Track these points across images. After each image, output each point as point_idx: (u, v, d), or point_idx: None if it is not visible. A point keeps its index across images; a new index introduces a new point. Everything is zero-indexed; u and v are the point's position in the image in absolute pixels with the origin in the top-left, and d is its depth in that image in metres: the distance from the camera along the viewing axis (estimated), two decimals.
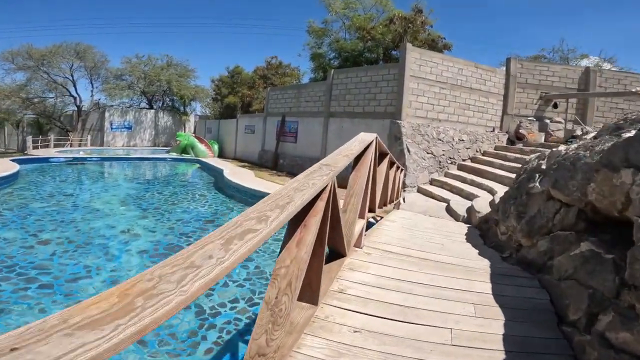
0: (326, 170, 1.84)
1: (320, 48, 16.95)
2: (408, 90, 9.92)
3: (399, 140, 9.93)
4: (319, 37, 16.41)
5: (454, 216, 7.62)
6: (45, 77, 23.36)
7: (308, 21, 16.38)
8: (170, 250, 5.68)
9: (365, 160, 2.83)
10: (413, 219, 6.09)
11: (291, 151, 14.16)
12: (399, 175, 7.02)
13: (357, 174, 2.74)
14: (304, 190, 1.56)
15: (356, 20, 15.13)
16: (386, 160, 4.47)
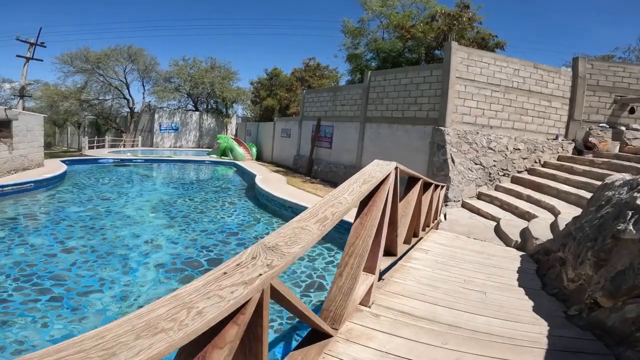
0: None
1: (357, 49, 16.17)
2: (454, 94, 8.91)
3: (442, 149, 8.96)
4: (355, 37, 15.63)
5: (504, 239, 6.58)
6: (102, 79, 24.92)
7: (342, 20, 15.70)
8: (188, 265, 5.51)
9: (376, 201, 2.17)
10: (452, 245, 5.25)
11: (326, 157, 13.61)
12: (438, 194, 6.16)
13: (361, 224, 2.10)
14: None
15: (394, 19, 14.15)
16: (418, 186, 3.72)
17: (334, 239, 7.26)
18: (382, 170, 2.28)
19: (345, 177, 12.05)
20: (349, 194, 1.88)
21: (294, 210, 8.44)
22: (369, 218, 2.12)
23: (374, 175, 2.19)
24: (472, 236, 6.57)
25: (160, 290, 4.73)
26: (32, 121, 11.58)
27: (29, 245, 6.02)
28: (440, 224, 7.08)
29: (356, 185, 2.02)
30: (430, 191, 4.81)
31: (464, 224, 7.47)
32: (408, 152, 9.91)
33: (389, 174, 2.30)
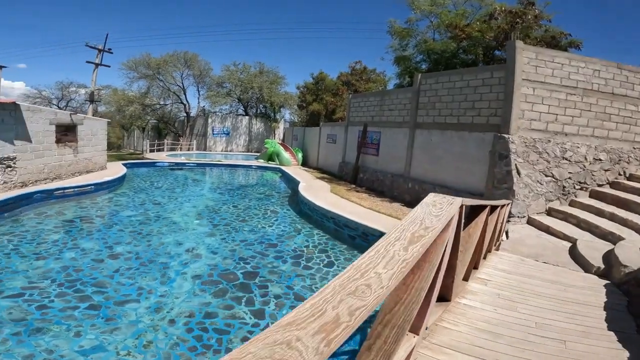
0: None
1: (405, 50, 15.27)
2: (520, 97, 7.90)
3: (505, 159, 7.99)
4: (402, 38, 14.74)
5: (582, 264, 5.55)
6: (161, 84, 26.56)
7: (389, 21, 14.84)
8: (224, 277, 5.42)
9: (429, 257, 1.61)
10: (517, 272, 4.46)
11: (372, 165, 13.01)
12: (503, 214, 5.35)
13: (404, 285, 1.53)
14: None
15: (445, 18, 13.05)
16: (483, 216, 3.08)
17: None
18: (441, 215, 1.65)
19: (392, 186, 11.40)
20: (384, 265, 1.19)
21: (335, 221, 8.03)
22: (417, 278, 1.55)
23: (428, 225, 1.53)
24: (541, 259, 5.64)
25: (193, 304, 4.64)
26: (96, 126, 12.48)
27: (79, 250, 6.28)
28: (503, 244, 6.21)
29: (399, 248, 1.33)
30: (495, 214, 4.10)
31: (530, 244, 6.49)
32: (463, 161, 9.02)
33: (451, 218, 1.71)
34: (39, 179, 9.78)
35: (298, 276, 5.71)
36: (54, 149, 10.28)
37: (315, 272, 5.91)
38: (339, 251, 6.93)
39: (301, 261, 6.35)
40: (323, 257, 6.58)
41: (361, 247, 7.08)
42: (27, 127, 9.20)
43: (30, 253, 5.98)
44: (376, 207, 9.21)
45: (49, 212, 8.33)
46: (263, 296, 4.95)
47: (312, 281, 5.57)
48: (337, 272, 5.81)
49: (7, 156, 8.64)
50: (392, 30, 14.59)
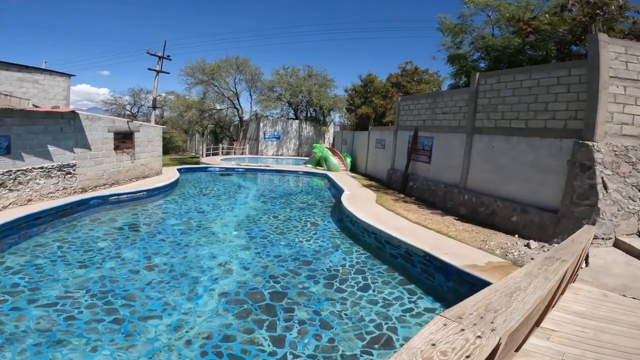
0: None
1: (460, 48, 13.71)
2: (607, 98, 6.48)
3: (588, 170, 6.63)
4: (455, 35, 13.19)
5: None
6: (216, 89, 27.68)
7: (438, 16, 13.34)
8: (250, 297, 5.21)
9: None
10: (596, 317, 3.42)
11: (423, 173, 11.93)
12: (587, 241, 4.24)
13: None
14: None
15: (505, 11, 11.35)
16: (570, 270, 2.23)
17: (420, 280, 5.91)
18: None
19: (445, 197, 10.24)
20: None
21: (377, 237, 7.31)
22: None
23: None
24: (630, 293, 4.39)
25: (213, 324, 4.40)
26: (152, 132, 13.15)
27: (120, 259, 6.41)
28: (581, 273, 4.99)
29: None
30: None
31: (616, 272, 5.18)
32: (534, 171, 7.72)
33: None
34: (98, 185, 10.45)
35: (328, 300, 5.22)
36: (112, 155, 10.95)
37: (348, 295, 5.37)
38: (377, 272, 6.23)
39: (334, 282, 5.81)
40: (359, 279, 5.95)
41: (403, 270, 6.29)
42: (86, 135, 9.86)
43: (75, 261, 6.21)
44: (424, 221, 8.27)
45: (103, 219, 8.78)
46: (287, 321, 4.60)
47: (343, 307, 5.04)
48: (371, 298, 5.16)
49: (67, 163, 9.31)
50: (443, 26, 13.19)
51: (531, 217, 7.47)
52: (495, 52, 12.11)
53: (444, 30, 13.30)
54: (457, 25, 12.93)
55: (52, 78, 14.02)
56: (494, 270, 5.10)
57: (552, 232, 6.99)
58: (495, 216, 8.33)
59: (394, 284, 5.82)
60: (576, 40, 10.50)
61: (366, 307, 5.09)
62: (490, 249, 6.32)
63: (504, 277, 1.77)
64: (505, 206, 8.15)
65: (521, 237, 7.35)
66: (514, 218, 7.84)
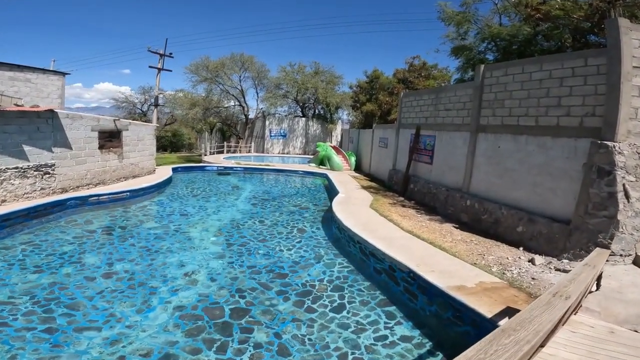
0: None
1: (465, 39, 12.59)
2: (630, 91, 5.51)
3: (608, 176, 5.70)
4: (459, 24, 12.07)
5: None
6: (221, 87, 27.25)
7: (438, 4, 12.12)
8: (208, 313, 4.63)
9: None
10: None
11: (425, 175, 11.03)
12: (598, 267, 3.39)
13: None
14: None
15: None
16: None
17: (401, 301, 5.14)
18: None
19: (446, 202, 9.26)
20: None
21: (362, 247, 6.56)
22: None
23: None
24: None
25: (157, 341, 4.01)
26: (143, 131, 12.73)
27: (79, 265, 6.07)
28: (590, 298, 4.10)
29: None
30: None
31: (633, 299, 4.26)
32: (544, 175, 6.79)
33: None
34: (81, 185, 10.07)
35: (295, 321, 4.60)
36: (97, 155, 10.56)
37: (318, 316, 4.72)
38: (357, 290, 5.49)
39: (306, 300, 5.15)
40: (335, 298, 5.26)
41: (386, 288, 5.53)
42: (66, 134, 9.48)
43: (32, 265, 5.93)
44: (419, 229, 7.45)
45: (79, 221, 8.38)
46: (241, 343, 4.04)
47: (309, 330, 4.41)
48: (344, 321, 4.44)
49: (45, 163, 8.93)
50: (444, 15, 12.08)
51: (539, 228, 6.55)
52: (503, 41, 10.98)
53: (446, 19, 12.22)
54: (459, 13, 11.83)
55: (46, 77, 13.82)
56: (484, 293, 4.27)
57: (562, 245, 6.07)
58: (499, 225, 7.42)
59: (373, 305, 5.08)
60: (594, 29, 9.35)
61: (335, 332, 4.43)
62: (487, 264, 5.47)
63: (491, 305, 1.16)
64: (510, 214, 7.23)
65: (526, 250, 6.45)
66: (519, 228, 6.92)
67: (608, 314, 3.65)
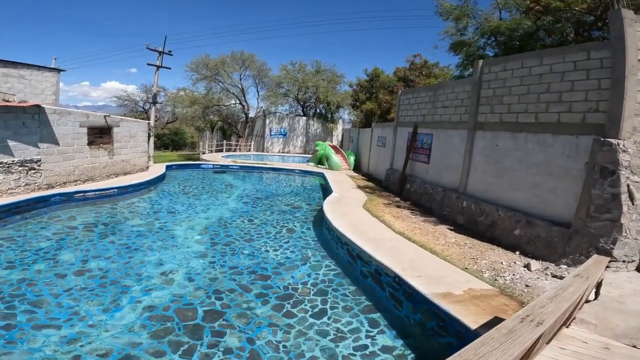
0: None
1: (464, 34, 12.16)
2: (636, 85, 5.14)
3: (611, 176, 5.34)
4: (457, 19, 11.62)
5: None
6: (221, 85, 26.99)
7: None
8: (180, 314, 4.41)
9: None
10: None
11: (422, 174, 10.67)
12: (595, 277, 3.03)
13: None
14: None
15: None
16: None
17: (387, 308, 4.82)
18: None
19: (442, 203, 8.88)
20: None
21: (349, 250, 6.25)
22: None
23: None
24: None
25: (119, 341, 3.82)
26: (135, 127, 12.51)
27: (53, 261, 5.87)
28: (587, 308, 3.74)
29: None
30: None
31: (635, 309, 3.88)
32: (543, 176, 6.42)
33: None
34: (69, 181, 9.86)
35: (271, 326, 4.32)
36: (86, 151, 10.34)
37: (297, 322, 4.43)
38: (341, 295, 5.18)
39: (286, 304, 4.86)
40: (317, 302, 4.95)
41: (372, 293, 5.21)
42: (53, 130, 9.26)
43: (5, 261, 5.74)
44: (411, 231, 7.11)
45: (62, 217, 8.17)
46: (210, 347, 3.81)
47: (285, 336, 4.12)
48: (323, 328, 4.15)
49: (31, 159, 8.73)
50: (442, 9, 11.65)
51: (537, 231, 6.17)
52: (503, 36, 10.54)
53: (443, 13, 11.80)
54: (457, 7, 11.41)
55: (40, 73, 13.63)
56: (472, 301, 3.93)
57: (561, 250, 5.70)
58: (496, 228, 7.05)
59: (356, 311, 4.76)
60: (597, 23, 8.91)
61: (313, 340, 4.13)
62: (479, 270, 5.12)
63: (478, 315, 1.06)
64: (507, 216, 6.86)
65: (523, 254, 6.09)
66: (517, 231, 6.56)
67: (605, 327, 3.30)
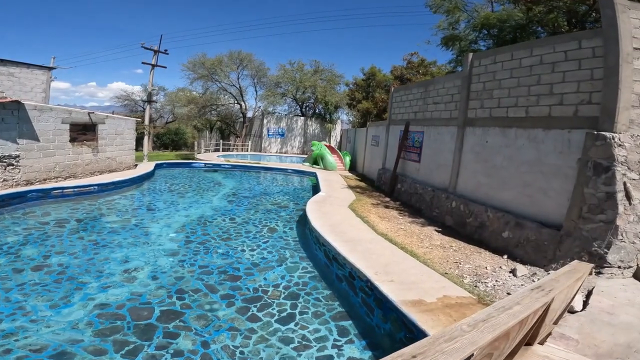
0: None
1: (456, 29, 11.72)
2: (631, 74, 4.76)
3: (606, 172, 4.96)
4: (449, 12, 11.22)
5: None
6: (218, 84, 26.76)
7: None
8: (133, 313, 4.16)
9: None
10: None
11: (413, 174, 10.29)
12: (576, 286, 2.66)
13: None
14: None
15: None
16: None
17: (359, 315, 4.45)
18: None
19: (432, 203, 8.56)
20: None
21: (326, 251, 5.89)
22: None
23: None
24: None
25: (59, 338, 3.61)
26: (122, 125, 12.26)
27: (14, 256, 5.63)
28: (571, 318, 3.36)
29: None
30: None
31: (626, 321, 3.49)
32: (535, 175, 6.04)
33: None
34: (49, 178, 9.62)
35: (231, 330, 4.01)
36: (68, 147, 10.10)
37: (261, 327, 4.10)
38: (314, 300, 4.83)
39: (253, 307, 4.53)
40: (286, 306, 4.61)
41: (346, 298, 4.85)
42: (33, 126, 9.03)
43: None
44: (395, 232, 6.75)
45: (37, 212, 7.95)
46: (158, 349, 3.56)
47: (244, 341, 3.81)
48: (288, 334, 3.83)
49: (9, 154, 8.49)
50: (431, 2, 11.24)
51: (527, 234, 5.78)
52: (494, 28, 10.13)
53: (433, 6, 11.39)
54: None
55: (30, 71, 13.50)
56: (444, 310, 3.56)
57: (551, 254, 5.31)
58: (485, 230, 6.66)
59: (327, 318, 4.40)
60: (590, 12, 8.49)
61: (274, 347, 3.81)
62: (460, 275, 4.75)
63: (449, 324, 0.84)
64: (496, 218, 6.47)
65: (512, 258, 5.70)
66: (505, 233, 6.16)
67: (588, 343, 2.92)
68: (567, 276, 2.07)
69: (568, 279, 1.97)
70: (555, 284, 1.81)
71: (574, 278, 2.11)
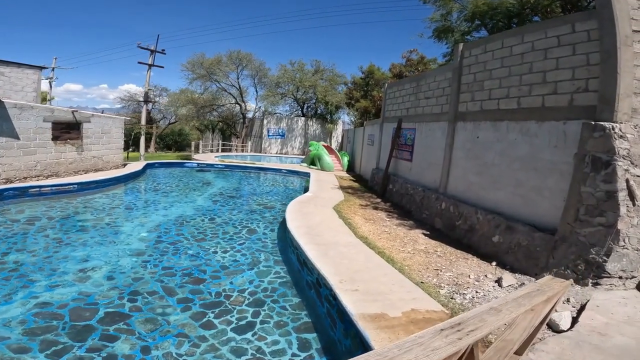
0: None
1: (448, 20, 11.20)
2: (632, 58, 4.24)
3: (605, 168, 4.43)
4: (442, 3, 10.74)
5: None
6: (217, 85, 26.50)
7: None
8: (74, 313, 3.91)
9: None
10: None
11: (405, 173, 9.79)
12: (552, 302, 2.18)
13: None
14: None
15: None
16: None
17: (324, 327, 3.99)
18: None
19: (422, 204, 7.97)
20: None
21: (298, 255, 5.45)
22: None
23: None
24: None
25: None
26: (109, 124, 12.02)
27: None
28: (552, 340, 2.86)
29: None
30: None
31: (619, 346, 2.95)
32: (528, 172, 5.52)
33: None
34: (30, 176, 9.39)
35: (180, 336, 3.66)
36: (50, 146, 9.86)
37: (214, 335, 3.72)
38: (279, 308, 4.39)
39: (209, 313, 4.15)
40: (247, 314, 4.21)
41: (312, 308, 4.40)
42: (13, 124, 8.81)
43: None
44: (377, 235, 6.28)
45: (11, 210, 7.74)
46: (90, 351, 3.29)
47: (191, 349, 3.46)
48: (242, 345, 3.63)
49: None
50: None
51: (518, 238, 5.26)
52: (485, 16, 9.57)
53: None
54: None
55: (20, 70, 13.37)
56: (406, 328, 3.07)
57: (543, 262, 4.79)
58: (474, 233, 6.14)
59: (289, 329, 3.97)
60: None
61: (222, 358, 3.45)
62: (437, 284, 4.26)
63: None
64: (486, 220, 5.96)
65: (501, 265, 5.19)
66: (495, 238, 5.64)
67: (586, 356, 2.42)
68: (521, 301, 1.60)
69: (518, 307, 1.50)
70: (489, 318, 1.35)
71: (537, 301, 1.63)
